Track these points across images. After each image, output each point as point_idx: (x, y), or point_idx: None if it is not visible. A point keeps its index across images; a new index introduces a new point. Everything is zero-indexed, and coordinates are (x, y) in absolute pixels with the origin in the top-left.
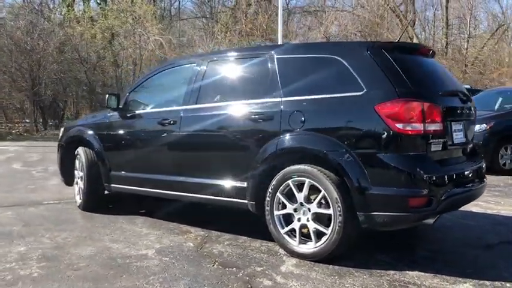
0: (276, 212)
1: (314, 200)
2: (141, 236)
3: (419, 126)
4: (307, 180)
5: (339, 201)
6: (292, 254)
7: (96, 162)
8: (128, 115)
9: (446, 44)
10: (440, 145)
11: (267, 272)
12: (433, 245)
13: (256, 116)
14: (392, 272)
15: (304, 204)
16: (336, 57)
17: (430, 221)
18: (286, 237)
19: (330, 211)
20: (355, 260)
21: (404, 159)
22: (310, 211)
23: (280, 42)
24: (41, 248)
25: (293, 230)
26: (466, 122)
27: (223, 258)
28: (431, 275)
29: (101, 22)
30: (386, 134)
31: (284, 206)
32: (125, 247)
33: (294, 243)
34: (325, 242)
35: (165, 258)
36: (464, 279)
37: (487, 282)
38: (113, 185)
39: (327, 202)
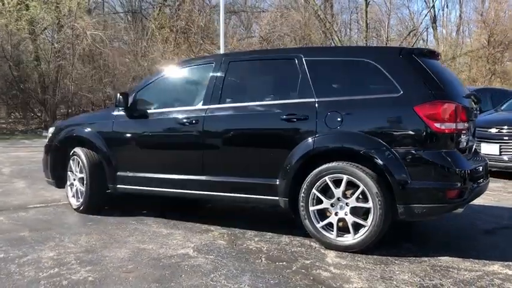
0: (311, 208)
1: (352, 195)
2: (165, 236)
3: (452, 126)
4: (345, 177)
5: (379, 195)
6: (329, 246)
7: (99, 163)
8: (139, 115)
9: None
10: (465, 143)
11: (317, 264)
12: (439, 235)
13: (290, 116)
14: (425, 258)
15: (342, 199)
16: (370, 61)
17: (460, 210)
18: (323, 231)
19: (369, 205)
20: (385, 250)
21: (441, 156)
22: (348, 205)
23: (222, 42)
24: (71, 253)
25: (329, 224)
26: (473, 122)
27: (265, 254)
28: (460, 259)
29: (22, 13)
30: (425, 132)
31: (319, 202)
32: (158, 248)
33: (332, 237)
34: (364, 234)
35: (209, 256)
36: (492, 262)
37: (505, 262)
38: (119, 185)
39: (365, 196)
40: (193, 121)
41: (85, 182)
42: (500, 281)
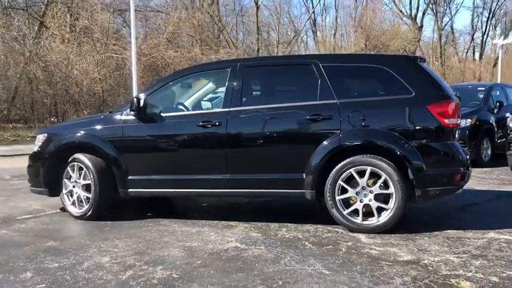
0: (337, 197)
1: (373, 184)
2: (198, 233)
3: (455, 121)
4: (369, 168)
5: (400, 182)
6: (356, 230)
7: (108, 168)
8: (154, 118)
9: (258, 49)
10: (458, 135)
11: (358, 245)
12: (426, 215)
13: (315, 116)
14: (437, 232)
15: (366, 187)
16: (382, 67)
17: (460, 191)
18: (349, 217)
19: (390, 190)
20: (399, 231)
21: (449, 146)
22: (372, 193)
23: (133, 41)
24: (125, 256)
25: (353, 211)
26: None
27: (306, 240)
28: (461, 231)
29: None
30: (437, 127)
31: (344, 191)
32: (204, 244)
33: (358, 221)
34: (387, 216)
35: (260, 247)
36: (486, 230)
37: (501, 230)
38: (131, 189)
39: (386, 184)
40: (217, 123)
41: (93, 189)
42: (506, 244)
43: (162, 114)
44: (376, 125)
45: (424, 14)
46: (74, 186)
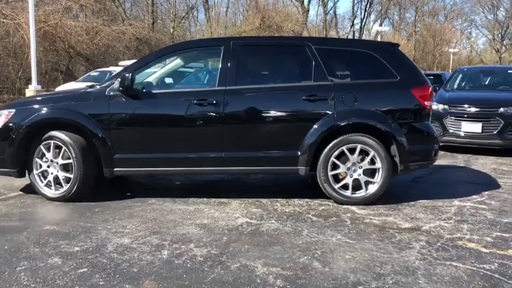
0: (330, 173)
1: (363, 160)
2: (200, 211)
3: (431, 103)
4: (359, 145)
5: (387, 158)
6: (346, 202)
7: (91, 146)
8: (143, 95)
9: (153, 22)
10: None
11: (357, 215)
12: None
13: (311, 97)
14: (412, 202)
15: (356, 163)
16: (370, 51)
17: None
18: (340, 190)
19: (377, 166)
20: (380, 201)
21: (428, 126)
22: (361, 168)
23: (31, 5)
24: (143, 236)
25: (345, 185)
26: None
27: (307, 214)
28: (431, 200)
29: None
30: (419, 109)
31: (335, 167)
32: (214, 221)
33: (348, 194)
34: (374, 188)
35: (271, 221)
36: (450, 199)
37: (461, 198)
38: (117, 168)
39: (372, 160)
40: (214, 101)
41: (75, 168)
42: (473, 210)
43: (153, 91)
44: (367, 106)
45: None
46: (48, 166)
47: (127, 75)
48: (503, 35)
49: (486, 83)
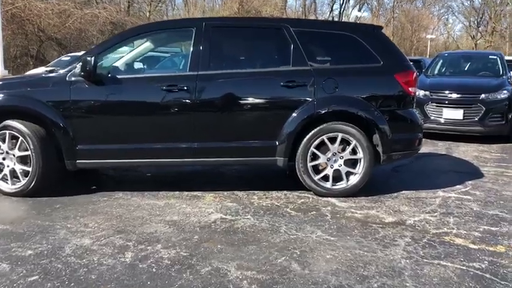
0: (309, 164)
1: (344, 149)
2: (169, 207)
3: (415, 89)
4: (340, 134)
5: (370, 147)
6: (326, 194)
7: (51, 137)
8: (107, 80)
9: (129, 6)
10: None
11: (337, 209)
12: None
13: (289, 83)
14: (395, 194)
15: (337, 153)
16: (352, 34)
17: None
18: (320, 182)
19: (359, 156)
20: (361, 193)
21: (412, 113)
22: (342, 158)
23: None
24: (106, 236)
25: (325, 176)
26: None
27: (285, 207)
28: (414, 191)
29: None
30: (403, 95)
31: (315, 158)
32: (185, 218)
33: (328, 186)
34: (356, 180)
35: (246, 216)
36: (434, 190)
37: (445, 189)
38: (80, 160)
39: (354, 150)
40: (184, 87)
41: (34, 161)
42: (458, 201)
43: (119, 76)
44: (349, 92)
45: None
46: (4, 159)
47: (89, 58)
48: (479, 22)
49: (467, 68)
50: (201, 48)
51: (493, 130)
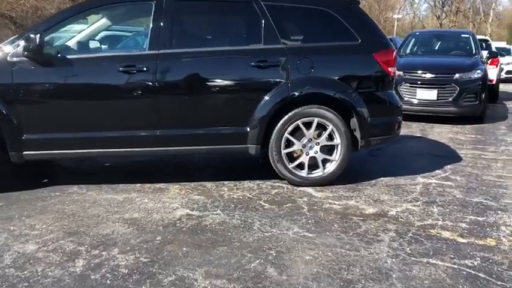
0: (283, 151)
1: (319, 135)
2: (129, 202)
3: (395, 69)
4: (316, 119)
5: (347, 132)
6: (301, 183)
7: None
8: (55, 61)
9: None
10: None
11: (314, 200)
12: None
13: (261, 63)
14: (373, 181)
15: (313, 139)
16: (328, 9)
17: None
18: (295, 170)
19: (336, 142)
20: (340, 181)
21: (392, 95)
22: (318, 145)
23: None
24: (55, 240)
25: (300, 164)
26: None
27: (259, 200)
28: (393, 178)
29: None
30: (382, 76)
31: (290, 145)
32: (147, 215)
33: (303, 174)
34: (333, 167)
35: (215, 211)
36: (413, 176)
37: (424, 174)
38: (27, 152)
39: (331, 136)
40: (144, 68)
41: None
42: (440, 188)
43: (67, 56)
44: (325, 73)
45: None
46: None
47: (33, 36)
48: (443, 2)
49: (439, 47)
50: (161, 24)
51: (466, 111)
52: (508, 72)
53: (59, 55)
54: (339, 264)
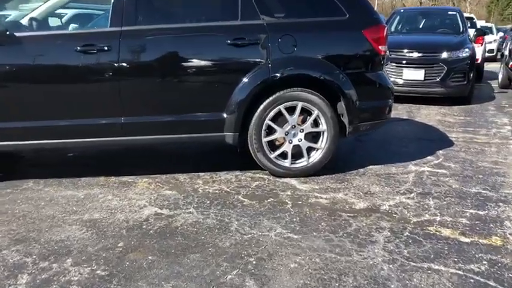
0: (264, 139)
1: (305, 121)
2: (90, 199)
3: (386, 48)
4: (300, 103)
5: (334, 118)
6: (284, 174)
7: None
8: (4, 40)
9: None
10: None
11: (299, 193)
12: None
13: (238, 41)
14: (362, 169)
15: (296, 126)
16: None
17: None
18: (277, 160)
19: (322, 128)
20: (326, 170)
21: (381, 76)
22: (302, 132)
23: None
24: (0, 250)
25: (283, 153)
26: None
27: (237, 194)
28: (383, 166)
29: None
30: (372, 55)
31: (271, 132)
32: (110, 215)
33: (286, 164)
34: (318, 156)
35: (188, 209)
36: (405, 163)
37: (416, 161)
38: None
39: (316, 122)
40: (105, 47)
41: None
42: (433, 176)
43: (15, 33)
44: (309, 52)
45: None
46: None
47: None
48: None
49: (424, 25)
50: None
51: (454, 91)
52: (489, 50)
53: (7, 33)
54: (329, 273)
